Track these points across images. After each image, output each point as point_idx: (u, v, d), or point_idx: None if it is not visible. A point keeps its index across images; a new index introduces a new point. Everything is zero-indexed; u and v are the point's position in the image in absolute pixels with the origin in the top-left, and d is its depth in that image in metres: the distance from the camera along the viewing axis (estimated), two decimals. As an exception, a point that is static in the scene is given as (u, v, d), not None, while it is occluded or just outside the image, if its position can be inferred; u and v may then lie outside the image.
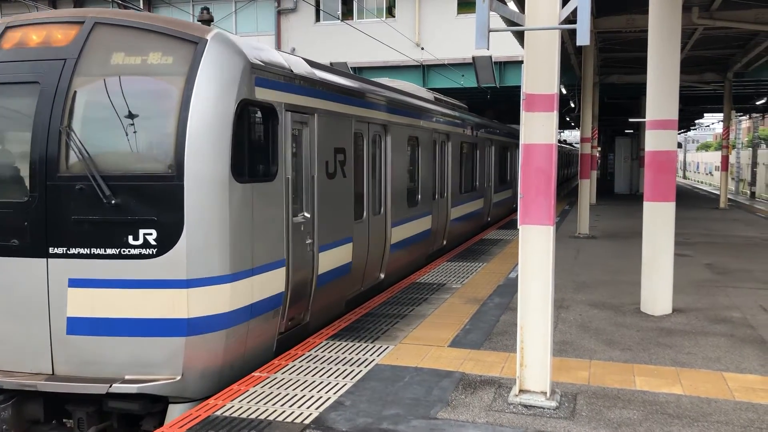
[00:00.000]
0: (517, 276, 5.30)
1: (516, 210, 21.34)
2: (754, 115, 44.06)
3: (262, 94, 6.11)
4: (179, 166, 5.44)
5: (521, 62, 5.11)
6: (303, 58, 7.55)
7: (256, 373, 5.88)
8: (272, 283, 6.27)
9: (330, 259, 7.57)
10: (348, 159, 8.07)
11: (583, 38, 4.63)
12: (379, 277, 9.59)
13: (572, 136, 75.84)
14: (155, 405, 5.56)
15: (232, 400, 5.24)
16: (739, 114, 42.98)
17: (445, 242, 13.24)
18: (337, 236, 7.75)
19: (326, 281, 7.49)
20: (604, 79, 24.22)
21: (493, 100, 29.43)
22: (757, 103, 32.76)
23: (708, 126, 63.32)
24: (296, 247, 6.76)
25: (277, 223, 6.37)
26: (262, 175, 6.18)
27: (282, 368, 6.00)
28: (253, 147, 6.07)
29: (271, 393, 5.40)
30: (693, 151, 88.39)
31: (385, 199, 9.63)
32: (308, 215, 7.07)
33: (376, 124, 9.23)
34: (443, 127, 12.88)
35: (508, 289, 9.39)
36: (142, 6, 27.51)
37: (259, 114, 6.14)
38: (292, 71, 6.76)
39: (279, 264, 6.38)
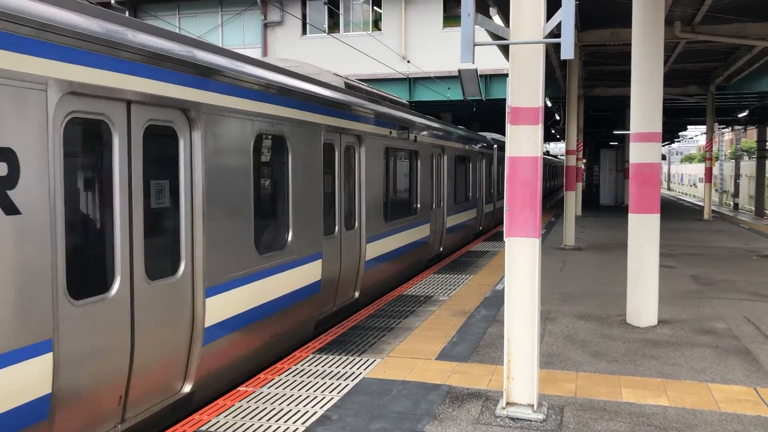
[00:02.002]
0: (504, 288, 5.31)
1: (482, 233, 19.63)
2: (737, 127, 44.64)
3: None
4: None
5: (507, 75, 5.14)
6: None
7: (242, 388, 5.83)
8: None
9: None
10: (27, 170, 3.97)
11: (567, 52, 4.67)
12: (179, 393, 5.43)
13: (557, 148, 76.47)
14: None
15: (217, 415, 5.19)
16: (721, 126, 43.50)
17: (357, 294, 9.29)
18: None
19: None
20: (589, 91, 24.48)
21: (480, 113, 29.64)
22: (739, 115, 33.19)
23: (692, 138, 64.05)
24: None
25: None
26: None
27: (268, 382, 5.96)
28: None
29: (257, 407, 5.36)
30: (677, 163, 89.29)
31: (192, 245, 5.48)
32: None
33: (153, 105, 5.02)
34: (353, 125, 8.90)
35: (495, 301, 9.39)
36: (127, 14, 27.51)
37: None
38: None
39: None
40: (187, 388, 5.50)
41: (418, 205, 12.43)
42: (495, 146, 21.39)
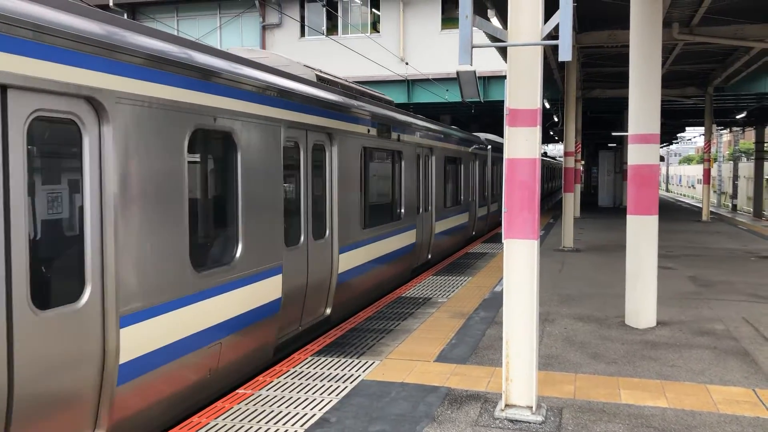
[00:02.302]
0: (502, 290, 5.31)
1: (475, 239, 18.84)
2: (735, 128, 44.71)
3: None
4: None
5: (505, 77, 5.15)
6: None
7: (240, 390, 5.82)
8: None
9: None
10: None
11: (565, 54, 4.67)
12: None
13: (556, 149, 76.57)
14: None
15: (215, 418, 5.18)
16: (720, 128, 43.59)
17: (329, 310, 8.38)
18: None
19: None
20: (587, 93, 24.50)
21: (478, 115, 29.68)
22: (737, 117, 33.24)
23: (690, 139, 64.11)
24: None
25: None
26: None
27: (266, 385, 5.95)
28: None
29: (256, 410, 5.35)
30: (675, 165, 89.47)
31: (101, 265, 4.52)
32: None
33: (42, 93, 4.04)
34: (322, 121, 7.94)
35: (494, 302, 9.39)
36: (126, 16, 27.53)
37: None
38: None
39: None
40: None
41: (402, 210, 11.46)
42: (489, 147, 20.61)
